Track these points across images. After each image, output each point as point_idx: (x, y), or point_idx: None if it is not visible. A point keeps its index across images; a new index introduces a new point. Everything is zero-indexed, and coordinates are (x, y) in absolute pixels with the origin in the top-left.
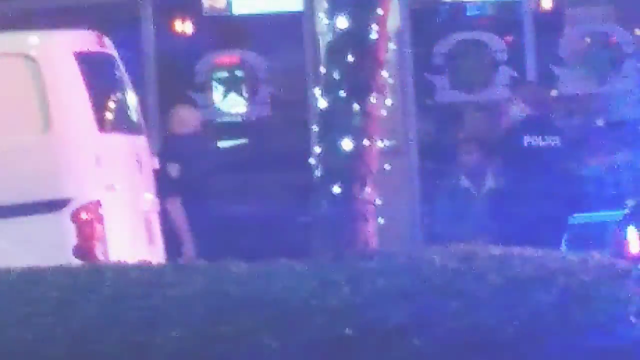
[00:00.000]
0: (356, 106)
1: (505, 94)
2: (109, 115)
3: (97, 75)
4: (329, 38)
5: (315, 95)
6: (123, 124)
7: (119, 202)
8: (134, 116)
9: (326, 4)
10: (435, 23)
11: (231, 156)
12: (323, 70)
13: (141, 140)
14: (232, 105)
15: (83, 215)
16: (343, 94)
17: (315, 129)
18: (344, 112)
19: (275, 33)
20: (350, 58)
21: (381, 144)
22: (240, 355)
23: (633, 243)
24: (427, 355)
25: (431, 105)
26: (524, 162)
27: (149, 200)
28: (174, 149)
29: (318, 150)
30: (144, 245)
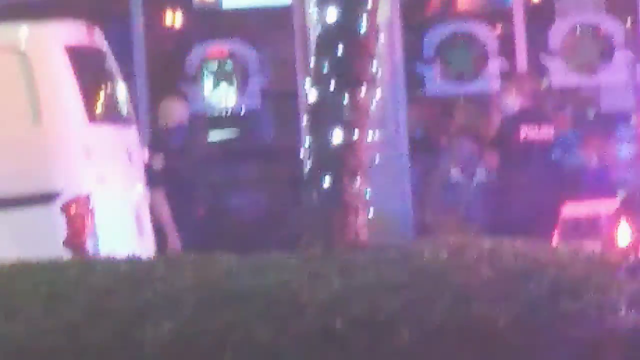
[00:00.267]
0: (346, 98)
1: (496, 85)
2: (99, 107)
3: (87, 67)
4: (319, 30)
5: (305, 88)
6: (113, 116)
7: (109, 194)
8: (124, 108)
9: None
10: (425, 14)
11: (221, 148)
12: (313, 62)
13: (131, 132)
14: (223, 97)
15: (73, 208)
16: (333, 86)
17: (306, 121)
18: (334, 104)
19: (266, 25)
20: (340, 50)
21: (371, 136)
22: (230, 348)
23: (624, 235)
24: (418, 347)
25: (422, 96)
26: (515, 154)
27: (139, 191)
28: (161, 141)
29: (308, 142)
30: (134, 237)
